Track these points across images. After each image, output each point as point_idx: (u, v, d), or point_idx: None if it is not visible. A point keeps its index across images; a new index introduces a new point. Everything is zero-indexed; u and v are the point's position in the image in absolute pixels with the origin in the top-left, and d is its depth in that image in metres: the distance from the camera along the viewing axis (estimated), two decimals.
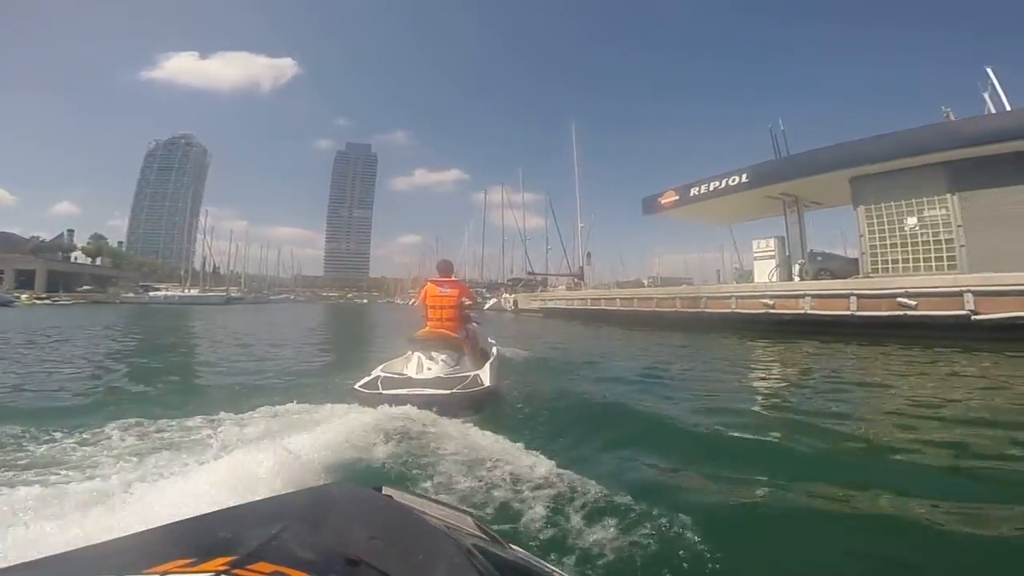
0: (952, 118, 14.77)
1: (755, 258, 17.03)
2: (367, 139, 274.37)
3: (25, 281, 61.85)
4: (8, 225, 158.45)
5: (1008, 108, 13.76)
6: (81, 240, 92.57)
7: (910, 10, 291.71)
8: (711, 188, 17.48)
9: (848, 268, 16.59)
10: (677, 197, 18.81)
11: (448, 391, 4.12)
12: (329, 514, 0.74)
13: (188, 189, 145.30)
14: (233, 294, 65.64)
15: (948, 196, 13.13)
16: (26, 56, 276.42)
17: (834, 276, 15.32)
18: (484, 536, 0.88)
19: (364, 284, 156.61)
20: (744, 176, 16.44)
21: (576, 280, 42.10)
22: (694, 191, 18.15)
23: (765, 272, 16.54)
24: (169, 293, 59.10)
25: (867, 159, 14.00)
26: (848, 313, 12.45)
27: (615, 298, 21.69)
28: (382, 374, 4.53)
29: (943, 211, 13.29)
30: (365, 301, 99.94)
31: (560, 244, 52.32)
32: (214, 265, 77.37)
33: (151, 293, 59.28)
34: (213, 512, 0.73)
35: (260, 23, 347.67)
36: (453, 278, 5.71)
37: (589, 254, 47.26)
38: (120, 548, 0.63)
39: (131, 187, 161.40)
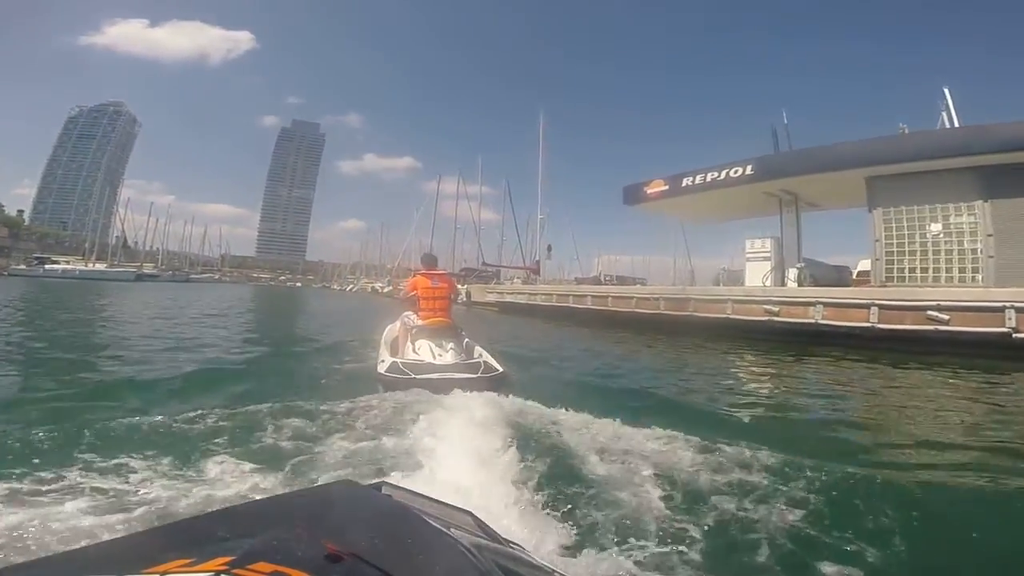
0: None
1: (747, 259, 15.44)
2: (317, 119, 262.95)
3: None
4: None
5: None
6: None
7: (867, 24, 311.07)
8: (707, 179, 15.72)
9: (833, 276, 15.33)
10: (666, 187, 16.97)
11: (473, 375, 4.58)
12: (329, 513, 0.74)
13: (109, 159, 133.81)
14: (148, 271, 60.12)
15: (979, 203, 11.87)
16: None
17: (817, 284, 13.98)
18: (484, 534, 0.89)
19: (300, 267, 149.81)
20: (749, 168, 14.77)
21: (531, 274, 40.08)
22: (686, 181, 16.36)
23: (759, 275, 14.97)
24: (68, 267, 53.57)
25: (889, 158, 12.59)
26: (867, 325, 10.94)
27: (585, 295, 19.66)
28: (398, 360, 4.85)
29: (971, 219, 12.03)
30: (299, 285, 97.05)
31: (516, 236, 49.90)
32: (125, 240, 70.53)
33: (46, 266, 53.53)
34: (213, 512, 0.75)
35: None
36: (443, 271, 6.22)
37: (550, 247, 45.12)
38: (120, 548, 0.64)
39: (46, 154, 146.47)
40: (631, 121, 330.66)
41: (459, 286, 37.22)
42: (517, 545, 0.96)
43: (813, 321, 11.73)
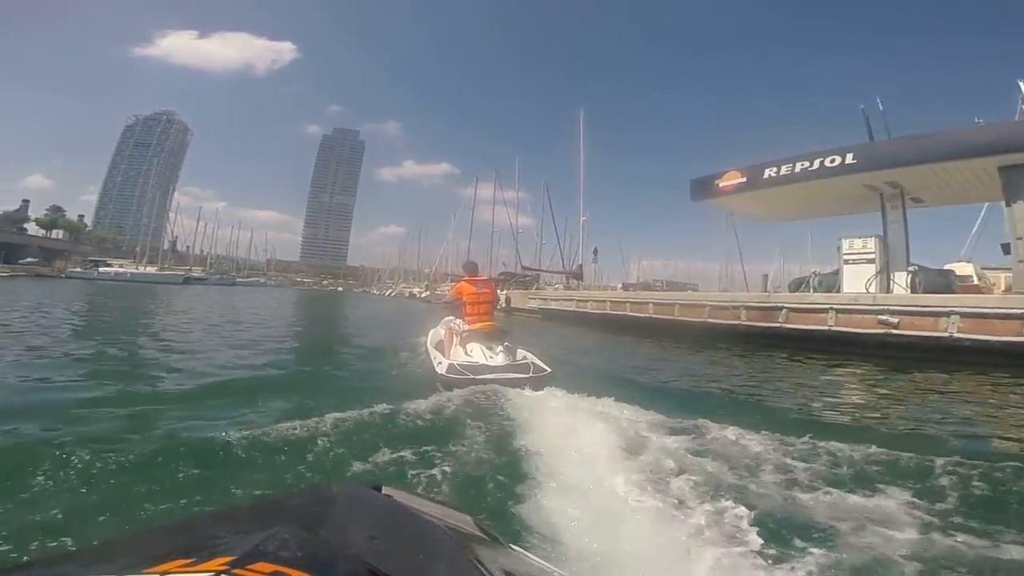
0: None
1: (845, 262, 13.28)
2: (358, 127, 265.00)
3: None
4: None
5: None
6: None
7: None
8: (795, 170, 13.67)
9: (939, 282, 12.98)
10: (743, 179, 14.98)
11: (526, 375, 4.90)
12: (329, 514, 0.73)
13: (162, 166, 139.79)
14: (196, 274, 61.66)
15: None
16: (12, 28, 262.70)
17: (926, 291, 11.78)
18: (484, 536, 0.88)
19: (341, 272, 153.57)
20: (849, 156, 12.67)
21: (574, 279, 38.06)
22: (769, 173, 14.33)
23: (860, 280, 12.82)
24: (120, 270, 55.93)
25: None
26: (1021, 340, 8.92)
27: (646, 303, 17.84)
28: (455, 362, 5.12)
29: None
30: (340, 289, 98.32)
31: (556, 238, 47.62)
32: (174, 244, 72.88)
33: (101, 269, 55.98)
34: (213, 512, 0.75)
35: (267, 5, 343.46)
36: (485, 277, 6.80)
37: (596, 250, 42.95)
38: (120, 548, 0.64)
39: (107, 162, 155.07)
40: (674, 110, 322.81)
41: (498, 292, 35.89)
42: (517, 547, 0.96)
43: (947, 335, 9.69)
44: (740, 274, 48.18)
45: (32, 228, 77.80)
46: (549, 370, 5.11)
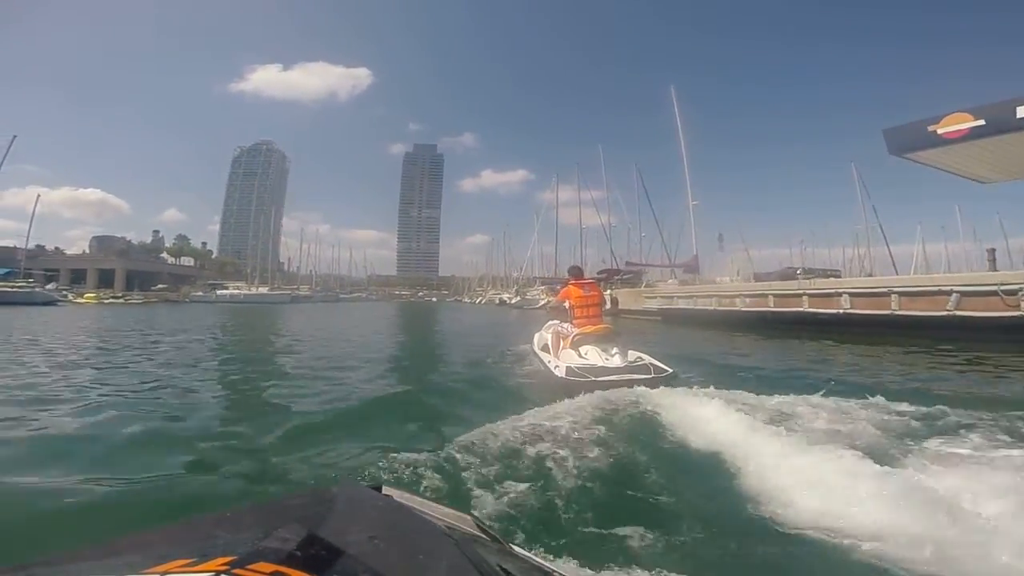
0: None
1: None
2: (437, 141, 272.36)
3: (106, 280, 65.39)
4: (124, 230, 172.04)
5: None
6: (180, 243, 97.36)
7: None
8: None
9: None
10: (980, 123, 11.01)
11: (648, 375, 4.83)
12: (329, 514, 0.73)
13: (267, 192, 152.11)
14: (302, 293, 65.12)
15: None
16: (132, 77, 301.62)
17: None
18: (484, 536, 0.88)
19: (434, 283, 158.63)
20: None
21: (687, 272, 33.11)
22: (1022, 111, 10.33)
23: None
24: (235, 292, 60.06)
25: None
26: None
27: (839, 292, 14.19)
28: (572, 365, 5.08)
29: None
30: (434, 299, 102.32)
31: (657, 228, 42.34)
32: (283, 266, 77.94)
33: (218, 292, 60.48)
34: (214, 512, 0.73)
35: (338, 35, 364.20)
36: (591, 279, 6.98)
37: (721, 235, 37.61)
38: (120, 548, 0.63)
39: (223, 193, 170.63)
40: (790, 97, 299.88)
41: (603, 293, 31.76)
42: (518, 547, 0.96)
43: None
44: (881, 257, 41.51)
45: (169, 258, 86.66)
46: (670, 370, 5.07)
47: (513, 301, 50.97)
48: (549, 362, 5.60)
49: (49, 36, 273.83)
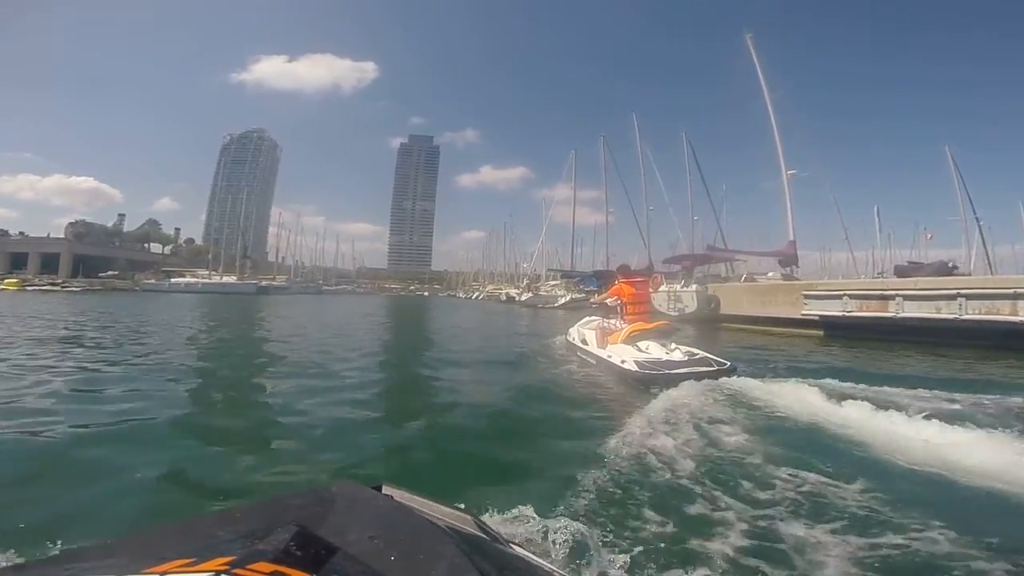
0: None
1: None
2: (439, 137, 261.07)
3: (49, 265, 58.54)
4: (114, 219, 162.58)
5: None
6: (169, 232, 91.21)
7: None
8: None
9: None
10: None
11: (711, 368, 5.15)
12: (329, 514, 0.72)
13: (256, 181, 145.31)
14: (277, 283, 59.66)
15: None
16: (129, 62, 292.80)
17: None
18: (484, 536, 0.87)
19: (426, 277, 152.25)
20: None
21: (785, 266, 20.77)
22: None
23: None
24: (192, 280, 55.05)
25: None
26: None
27: None
28: (641, 359, 5.35)
29: None
30: (426, 294, 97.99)
31: (711, 208, 31.55)
32: (264, 255, 71.28)
33: (172, 280, 55.42)
34: (214, 512, 0.70)
35: (347, 28, 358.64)
36: (639, 277, 7.16)
37: (848, 231, 28.08)
38: (121, 548, 0.63)
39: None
40: None
41: (674, 287, 22.07)
42: (518, 546, 0.94)
43: None
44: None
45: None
46: (729, 363, 5.36)
47: (523, 298, 43.55)
48: (609, 356, 5.84)
49: (52, 27, 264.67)
